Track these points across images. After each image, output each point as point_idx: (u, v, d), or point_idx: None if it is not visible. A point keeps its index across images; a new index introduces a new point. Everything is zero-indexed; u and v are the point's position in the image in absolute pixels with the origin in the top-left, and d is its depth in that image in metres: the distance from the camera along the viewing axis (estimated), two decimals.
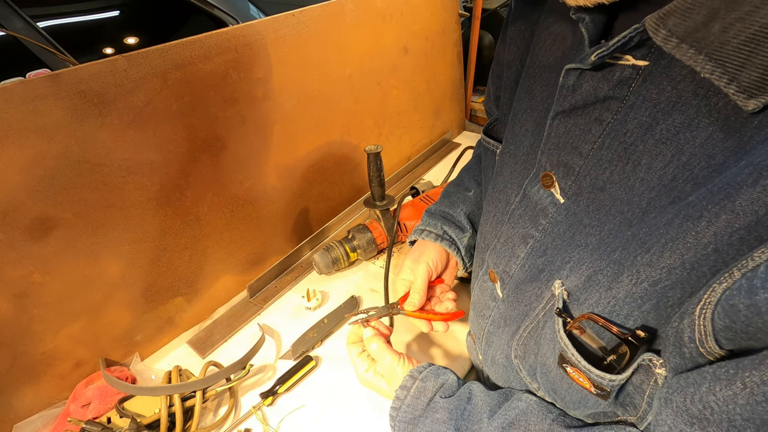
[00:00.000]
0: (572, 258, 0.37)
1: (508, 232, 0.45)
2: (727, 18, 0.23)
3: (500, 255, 0.46)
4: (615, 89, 0.32)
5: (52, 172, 0.54)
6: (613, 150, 0.33)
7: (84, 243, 0.59)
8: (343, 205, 1.00)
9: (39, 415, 0.62)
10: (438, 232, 0.62)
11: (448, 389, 0.47)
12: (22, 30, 1.40)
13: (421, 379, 0.48)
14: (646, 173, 0.31)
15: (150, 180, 0.63)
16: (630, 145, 0.32)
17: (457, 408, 0.44)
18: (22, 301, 0.56)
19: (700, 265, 0.27)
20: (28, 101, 0.50)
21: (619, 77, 0.32)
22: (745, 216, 0.24)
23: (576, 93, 0.35)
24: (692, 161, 0.28)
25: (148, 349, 0.73)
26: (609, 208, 0.33)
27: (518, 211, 0.43)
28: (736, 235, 0.25)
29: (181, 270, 0.72)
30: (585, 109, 0.35)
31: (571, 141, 0.36)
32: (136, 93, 0.58)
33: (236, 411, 0.63)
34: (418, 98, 1.11)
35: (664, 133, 0.29)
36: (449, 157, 1.21)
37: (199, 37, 0.62)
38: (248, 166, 0.76)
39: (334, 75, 0.86)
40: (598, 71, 0.33)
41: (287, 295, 0.83)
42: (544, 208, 0.40)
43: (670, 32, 0.25)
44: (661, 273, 0.29)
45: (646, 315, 0.30)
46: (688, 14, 0.24)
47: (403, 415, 0.47)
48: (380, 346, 0.53)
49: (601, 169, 0.34)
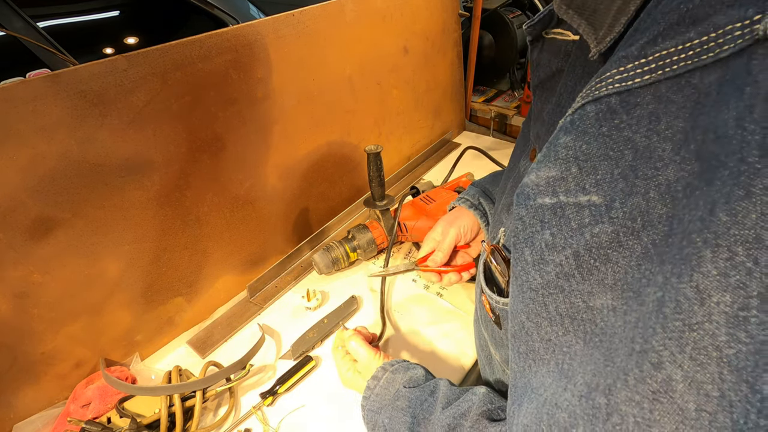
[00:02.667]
0: None
1: (502, 202, 0.47)
2: None
3: (494, 226, 0.48)
4: (563, 62, 0.36)
5: (52, 172, 0.54)
6: (556, 115, 0.35)
7: (84, 243, 0.59)
8: (343, 205, 1.00)
9: (39, 415, 0.62)
10: (474, 201, 0.66)
11: (415, 381, 0.49)
12: (22, 30, 1.40)
13: (391, 371, 0.51)
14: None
15: (150, 180, 0.63)
16: (563, 108, 0.34)
17: (419, 398, 0.46)
18: (22, 301, 0.56)
19: None
20: (28, 101, 0.50)
21: (565, 51, 0.35)
22: (550, 126, 0.27)
23: (539, 68, 0.39)
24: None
25: (148, 349, 0.73)
26: None
27: (511, 184, 0.46)
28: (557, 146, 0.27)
29: (181, 270, 0.72)
30: (549, 82, 0.38)
31: (541, 113, 0.39)
32: (136, 93, 0.58)
33: (236, 411, 0.63)
34: (418, 98, 1.11)
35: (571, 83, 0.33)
36: (449, 157, 1.20)
37: (199, 37, 0.62)
38: (248, 166, 0.76)
39: (334, 75, 0.86)
40: (550, 47, 0.37)
41: (287, 295, 0.83)
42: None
43: (562, 1, 0.28)
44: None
45: None
46: None
47: (371, 404, 0.49)
48: (358, 342, 0.57)
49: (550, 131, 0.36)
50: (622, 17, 0.25)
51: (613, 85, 0.21)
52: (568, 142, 0.23)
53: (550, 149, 0.24)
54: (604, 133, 0.21)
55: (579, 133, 0.22)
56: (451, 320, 0.73)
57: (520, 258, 0.27)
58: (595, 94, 0.21)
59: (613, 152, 0.20)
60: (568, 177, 0.23)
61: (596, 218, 0.21)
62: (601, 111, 0.21)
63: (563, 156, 0.23)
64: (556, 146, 0.23)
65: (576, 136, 0.22)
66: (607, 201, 0.21)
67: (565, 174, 0.23)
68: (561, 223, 0.23)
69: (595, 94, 0.21)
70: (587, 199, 0.22)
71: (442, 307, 0.76)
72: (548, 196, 0.24)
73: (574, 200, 0.22)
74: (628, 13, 0.24)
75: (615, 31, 0.25)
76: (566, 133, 0.23)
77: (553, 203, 0.24)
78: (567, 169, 0.23)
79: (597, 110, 0.21)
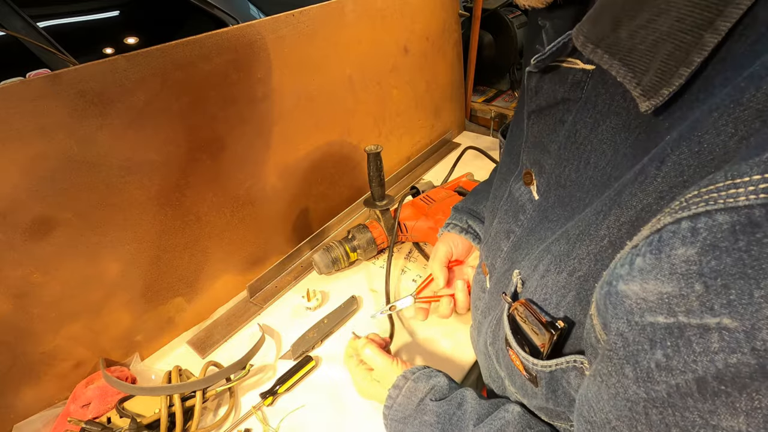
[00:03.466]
0: (532, 250, 0.38)
1: (497, 227, 0.46)
2: (630, 25, 0.24)
3: (490, 248, 0.48)
4: (570, 91, 0.34)
5: (52, 172, 0.54)
6: (569, 149, 0.34)
7: (84, 243, 0.59)
8: (343, 205, 1.00)
9: (39, 415, 0.62)
10: (463, 226, 0.66)
11: (439, 391, 0.48)
12: (22, 30, 1.40)
13: (413, 379, 0.50)
14: (594, 172, 0.32)
15: (150, 180, 0.63)
16: (581, 144, 0.33)
17: (446, 412, 0.45)
18: (22, 301, 0.56)
19: (602, 257, 0.28)
20: (28, 101, 0.50)
21: (572, 80, 0.33)
22: (627, 209, 0.25)
23: (539, 95, 0.37)
24: (623, 161, 0.29)
25: (148, 349, 0.73)
26: (567, 205, 0.35)
27: (504, 207, 0.45)
28: (623, 229, 0.26)
29: (181, 270, 0.72)
30: (550, 110, 0.36)
31: (542, 140, 0.38)
32: (136, 93, 0.58)
33: (236, 411, 0.63)
34: (418, 98, 1.11)
35: (605, 133, 0.31)
36: (449, 157, 1.20)
37: (199, 37, 0.62)
38: (248, 166, 0.76)
39: (334, 75, 0.86)
40: (554, 75, 0.34)
41: (287, 295, 0.83)
42: (523, 204, 0.41)
43: (587, 38, 0.27)
44: (575, 263, 0.30)
45: (571, 307, 0.31)
46: (597, 22, 0.26)
47: (394, 414, 0.48)
48: (373, 350, 0.56)
49: (563, 167, 0.35)
50: (682, 68, 0.23)
51: (757, 195, 0.17)
52: (690, 255, 0.19)
53: (660, 260, 0.20)
54: (741, 248, 0.18)
55: (707, 246, 0.19)
56: (451, 320, 0.73)
57: (614, 372, 0.24)
58: (729, 203, 0.18)
59: (753, 270, 0.17)
60: (690, 295, 0.19)
61: (732, 346, 0.18)
62: (738, 223, 0.18)
63: (683, 271, 0.19)
64: (671, 258, 0.20)
65: (702, 249, 0.19)
66: (746, 327, 0.18)
67: (686, 292, 0.19)
68: (679, 345, 0.20)
69: (729, 203, 0.18)
70: (716, 321, 0.19)
71: None
72: (662, 315, 0.21)
73: (698, 322, 0.19)
74: (690, 64, 0.22)
75: (674, 83, 0.23)
76: (685, 244, 0.19)
77: (670, 323, 0.20)
78: (689, 287, 0.19)
79: (733, 222, 0.18)
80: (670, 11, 0.22)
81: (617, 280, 0.23)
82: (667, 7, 0.23)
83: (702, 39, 0.22)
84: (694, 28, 0.22)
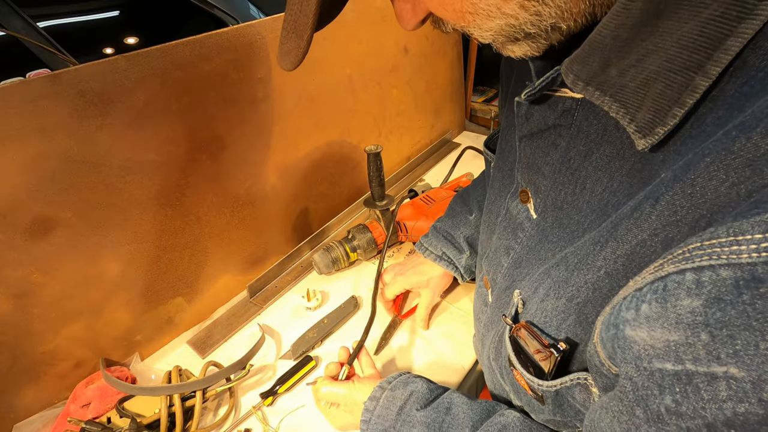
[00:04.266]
0: (532, 270, 0.39)
1: (497, 242, 0.46)
2: (620, 65, 0.25)
3: (491, 263, 0.48)
4: (561, 118, 0.34)
5: (52, 172, 0.54)
6: (564, 173, 0.35)
7: (84, 243, 0.59)
8: (343, 205, 1.00)
9: (39, 415, 0.62)
10: (438, 253, 0.70)
11: (421, 398, 0.47)
12: (22, 30, 1.40)
13: (389, 388, 0.49)
14: (591, 196, 0.32)
15: (150, 180, 0.63)
16: (575, 170, 0.33)
17: (435, 421, 0.44)
18: (22, 301, 0.56)
19: (599, 286, 0.29)
20: (28, 101, 0.50)
21: (563, 107, 0.34)
22: (623, 243, 0.26)
23: (529, 121, 0.37)
24: (620, 189, 0.29)
25: (148, 349, 0.73)
26: (566, 227, 0.35)
27: (503, 224, 0.45)
28: (619, 261, 0.27)
29: (181, 270, 0.72)
30: (542, 134, 0.36)
31: (536, 162, 0.38)
32: (136, 93, 0.58)
33: (236, 411, 0.63)
34: (418, 98, 1.11)
35: (599, 161, 0.31)
36: (449, 157, 1.20)
37: (199, 37, 0.62)
38: (248, 166, 0.76)
39: (334, 75, 0.86)
40: (544, 103, 0.35)
41: (287, 295, 0.83)
42: (521, 222, 0.41)
43: (577, 77, 0.27)
44: (573, 290, 0.31)
45: (572, 329, 0.32)
46: (586, 62, 0.26)
47: (373, 427, 0.47)
48: (327, 386, 0.56)
49: (558, 190, 0.35)
50: (675, 108, 0.23)
51: (759, 253, 0.18)
52: (696, 307, 0.20)
53: (666, 309, 0.21)
54: (745, 302, 0.18)
55: (711, 299, 0.19)
56: (451, 321, 0.73)
57: (625, 411, 0.25)
58: (732, 259, 0.19)
59: (758, 323, 0.18)
60: (697, 344, 0.20)
61: (739, 395, 0.19)
62: (742, 279, 0.18)
63: (689, 321, 0.20)
64: (677, 308, 0.21)
65: (707, 301, 0.20)
66: (753, 378, 0.18)
67: (692, 340, 0.20)
68: (687, 392, 0.21)
69: (732, 259, 0.19)
70: (723, 370, 0.19)
71: (441, 307, 0.76)
72: (670, 362, 0.21)
73: (706, 370, 0.20)
74: (684, 105, 0.23)
75: (668, 123, 0.24)
76: (690, 295, 0.20)
77: (677, 370, 0.21)
78: (695, 336, 0.20)
79: (736, 277, 0.19)
80: (658, 52, 0.23)
81: (624, 325, 0.24)
82: (654, 48, 0.23)
83: (693, 81, 0.23)
84: (684, 69, 0.23)
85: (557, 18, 0.26)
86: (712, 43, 0.21)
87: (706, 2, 0.21)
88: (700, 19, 0.21)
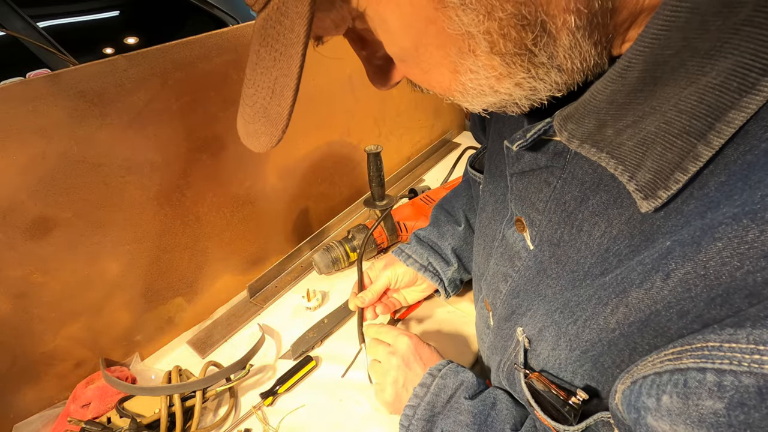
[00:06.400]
0: (533, 306, 0.38)
1: (494, 267, 0.46)
2: (616, 126, 0.25)
3: (490, 286, 0.47)
4: (552, 160, 0.34)
5: (52, 172, 0.54)
6: (558, 213, 0.34)
7: (84, 243, 0.59)
8: (343, 205, 1.00)
9: (39, 415, 0.62)
10: (423, 263, 0.67)
11: (470, 388, 0.47)
12: (22, 30, 1.40)
13: (440, 376, 0.48)
14: (589, 239, 0.32)
15: (150, 180, 0.63)
16: (570, 213, 0.33)
17: (481, 413, 0.44)
18: (22, 301, 0.56)
19: (615, 343, 0.28)
20: (28, 101, 0.50)
21: (554, 150, 0.33)
22: (636, 312, 0.26)
23: (520, 161, 0.37)
24: (620, 237, 0.29)
25: (148, 349, 0.73)
26: (564, 264, 0.35)
27: (500, 249, 0.45)
28: (634, 326, 0.27)
29: (181, 270, 0.72)
30: (534, 172, 0.36)
31: (528, 197, 0.37)
32: (136, 93, 0.58)
33: (236, 411, 0.63)
34: (419, 98, 1.11)
35: (596, 206, 0.31)
36: (449, 157, 1.20)
37: (199, 37, 0.62)
38: (248, 166, 0.76)
39: (334, 75, 0.86)
40: (535, 146, 0.34)
41: (287, 295, 0.83)
42: (518, 251, 0.41)
43: (572, 135, 0.27)
44: (587, 345, 0.31)
45: (589, 374, 0.32)
46: (581, 122, 0.26)
47: (421, 413, 0.47)
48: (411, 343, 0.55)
49: (554, 228, 0.35)
50: (677, 173, 0.23)
51: None
52: (718, 409, 0.21)
53: (689, 407, 0.22)
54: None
55: (734, 403, 0.20)
56: (450, 321, 0.73)
57: None
58: (753, 368, 0.19)
59: None
60: None
61: None
62: (765, 387, 0.19)
63: (712, 422, 0.21)
64: (699, 407, 0.21)
65: (729, 405, 0.20)
66: None
67: None
68: None
69: (754, 368, 0.19)
70: None
71: (441, 307, 0.76)
72: None
73: None
74: (686, 171, 0.23)
75: (671, 187, 0.24)
76: (712, 397, 0.21)
77: None
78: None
79: (759, 385, 0.19)
80: (655, 114, 0.23)
81: (645, 412, 0.24)
82: (651, 110, 0.23)
83: (696, 149, 0.22)
84: (683, 133, 0.23)
85: (552, 91, 0.26)
86: (712, 111, 0.21)
87: (704, 70, 0.21)
88: (698, 86, 0.21)
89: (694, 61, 0.21)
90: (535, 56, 0.24)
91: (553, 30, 0.23)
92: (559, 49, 0.24)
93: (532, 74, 0.25)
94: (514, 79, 0.25)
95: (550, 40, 0.23)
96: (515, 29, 0.23)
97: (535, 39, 0.23)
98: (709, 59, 0.21)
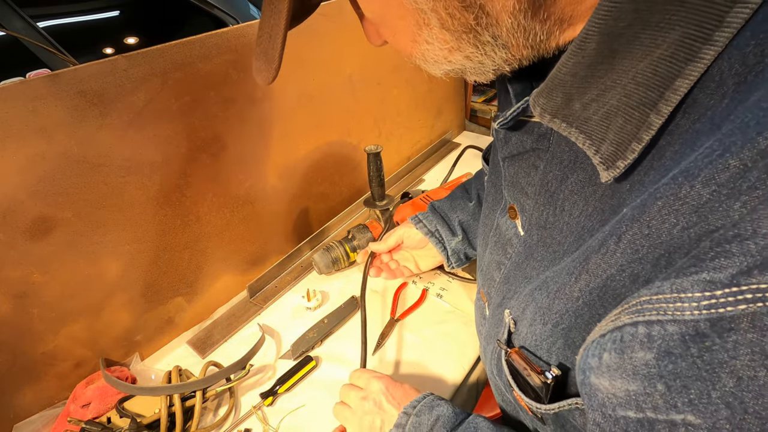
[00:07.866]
0: (519, 288, 0.39)
1: (489, 256, 0.47)
2: (582, 99, 0.26)
3: (485, 278, 0.48)
4: (537, 142, 0.35)
5: (52, 172, 0.54)
6: (544, 195, 0.35)
7: (84, 243, 0.59)
8: (343, 205, 1.00)
9: (39, 415, 0.62)
10: (431, 228, 0.70)
11: (448, 422, 0.46)
12: (22, 30, 1.40)
13: (415, 414, 0.48)
14: (569, 218, 0.33)
15: (150, 180, 0.63)
16: (553, 193, 0.34)
17: None
18: (22, 301, 0.56)
19: (580, 314, 0.29)
20: (28, 101, 0.50)
21: (539, 132, 0.35)
22: (595, 277, 0.27)
23: (508, 144, 0.38)
24: (594, 213, 0.30)
25: (148, 349, 0.73)
26: (549, 246, 0.35)
27: (494, 238, 0.45)
28: (594, 293, 0.27)
29: (181, 270, 0.72)
30: (523, 156, 0.37)
31: (519, 182, 0.39)
32: (136, 93, 0.58)
33: (236, 411, 0.63)
34: (419, 98, 1.11)
35: (574, 185, 0.32)
36: (449, 157, 1.20)
37: (199, 37, 0.62)
38: (248, 166, 0.76)
39: (334, 75, 0.86)
40: (521, 128, 0.36)
41: (287, 295, 0.83)
42: (510, 238, 0.42)
43: (543, 110, 0.28)
44: (557, 317, 0.31)
45: (562, 352, 0.32)
46: (550, 96, 0.27)
47: None
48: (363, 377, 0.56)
49: (541, 210, 0.36)
50: (634, 143, 0.25)
51: (700, 311, 0.19)
52: (649, 360, 0.21)
53: (624, 360, 0.23)
54: (693, 355, 0.20)
55: (662, 352, 0.21)
56: (450, 321, 0.73)
57: None
58: (677, 316, 0.20)
59: (707, 374, 0.19)
60: (654, 394, 0.21)
61: None
62: (687, 334, 0.20)
63: (644, 373, 0.22)
64: (633, 359, 0.22)
65: (658, 354, 0.21)
66: (708, 425, 0.20)
67: (649, 390, 0.22)
68: None
69: (677, 315, 0.20)
70: (681, 417, 0.21)
71: (441, 307, 0.76)
72: (632, 410, 0.23)
73: (665, 417, 0.21)
74: (641, 140, 0.24)
75: (628, 157, 0.25)
76: (643, 348, 0.22)
77: (640, 417, 0.23)
78: (651, 386, 0.22)
79: (682, 332, 0.20)
80: (616, 88, 0.24)
81: (589, 371, 0.25)
82: (613, 84, 0.24)
83: (648, 118, 0.24)
84: (640, 105, 0.24)
85: (500, 66, 0.29)
86: (663, 82, 0.23)
87: (657, 42, 0.22)
88: (652, 59, 0.22)
89: (646, 33, 0.22)
90: (480, 35, 0.27)
91: (492, 12, 0.25)
92: (503, 30, 0.26)
93: (480, 51, 0.28)
94: (464, 53, 0.28)
95: (492, 20, 0.26)
96: (458, 10, 0.26)
97: (477, 19, 0.26)
98: (660, 31, 0.22)
